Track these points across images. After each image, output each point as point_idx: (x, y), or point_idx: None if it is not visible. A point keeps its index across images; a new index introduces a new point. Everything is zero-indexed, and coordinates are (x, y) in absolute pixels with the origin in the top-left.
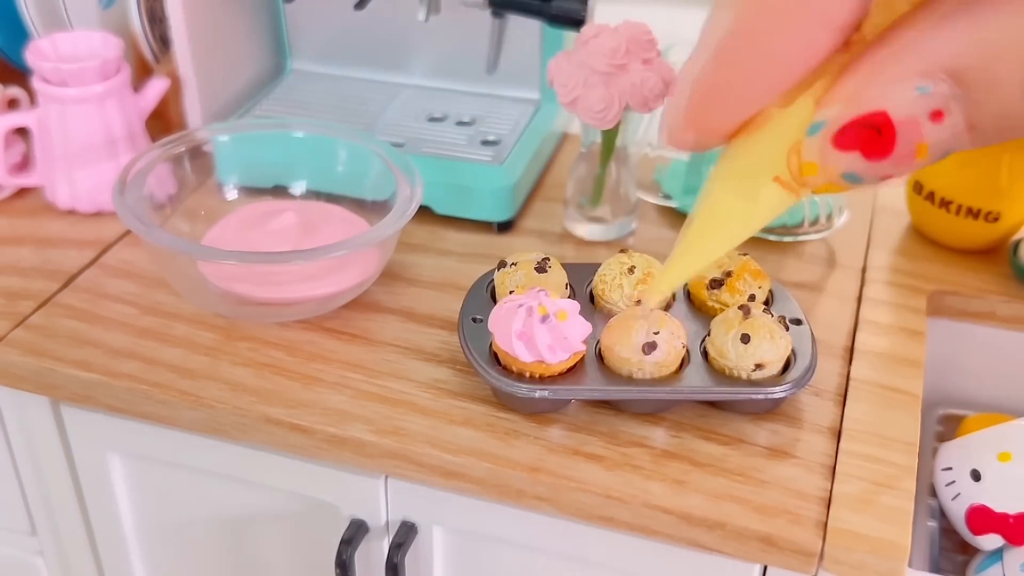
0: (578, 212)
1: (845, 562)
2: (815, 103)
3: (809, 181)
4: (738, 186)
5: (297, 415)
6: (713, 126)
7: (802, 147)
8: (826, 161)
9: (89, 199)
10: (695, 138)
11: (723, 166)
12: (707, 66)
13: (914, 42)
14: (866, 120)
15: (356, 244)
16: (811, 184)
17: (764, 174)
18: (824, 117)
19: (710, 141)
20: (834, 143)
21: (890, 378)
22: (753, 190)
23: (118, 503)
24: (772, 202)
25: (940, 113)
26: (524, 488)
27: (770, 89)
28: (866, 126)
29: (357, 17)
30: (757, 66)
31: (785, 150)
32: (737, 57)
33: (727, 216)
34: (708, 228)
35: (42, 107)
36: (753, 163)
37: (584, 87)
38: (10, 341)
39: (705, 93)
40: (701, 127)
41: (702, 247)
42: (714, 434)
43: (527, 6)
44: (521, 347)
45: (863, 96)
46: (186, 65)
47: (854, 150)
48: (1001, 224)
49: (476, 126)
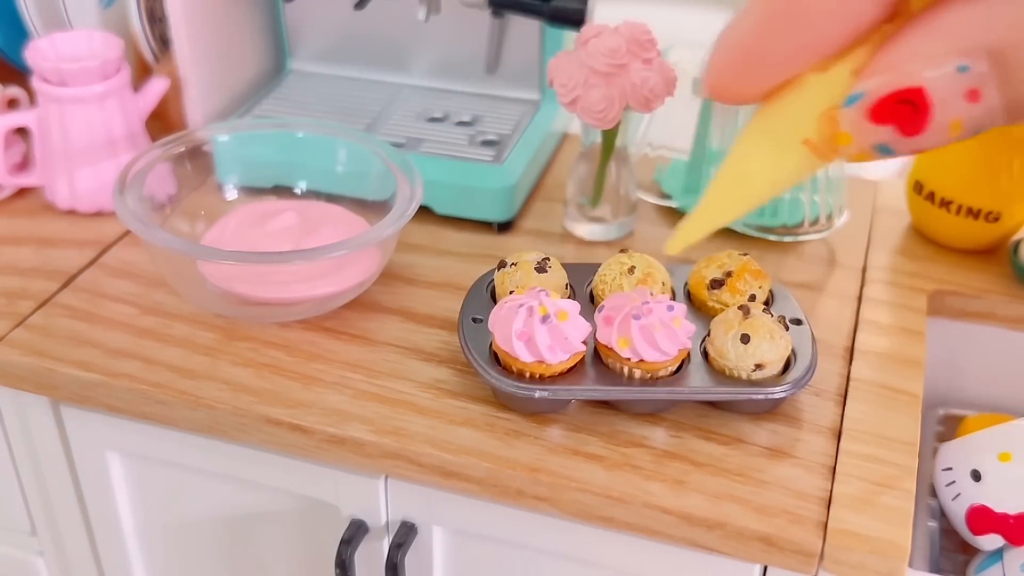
0: (578, 212)
1: (845, 562)
2: (853, 72)
3: (841, 150)
4: (768, 144)
5: (297, 415)
6: (750, 84)
7: (837, 116)
8: (860, 132)
9: (89, 199)
10: (733, 93)
11: (755, 123)
12: (750, 24)
13: (957, 19)
14: (903, 95)
15: (356, 244)
16: (842, 153)
17: (795, 136)
18: (862, 89)
19: (746, 98)
20: (870, 116)
21: (890, 378)
22: (782, 150)
23: (118, 503)
24: (800, 164)
25: (977, 92)
26: (524, 488)
27: (810, 54)
28: (903, 101)
29: (357, 17)
30: (799, 29)
31: (817, 115)
32: (780, 19)
33: (754, 172)
34: (734, 181)
35: (42, 107)
36: (785, 124)
37: (584, 87)
38: (10, 341)
39: (746, 51)
40: (739, 84)
41: (727, 200)
42: (714, 434)
43: (527, 6)
44: (521, 347)
45: (902, 70)
46: (186, 65)
47: (889, 124)
48: (1001, 224)
49: (476, 126)
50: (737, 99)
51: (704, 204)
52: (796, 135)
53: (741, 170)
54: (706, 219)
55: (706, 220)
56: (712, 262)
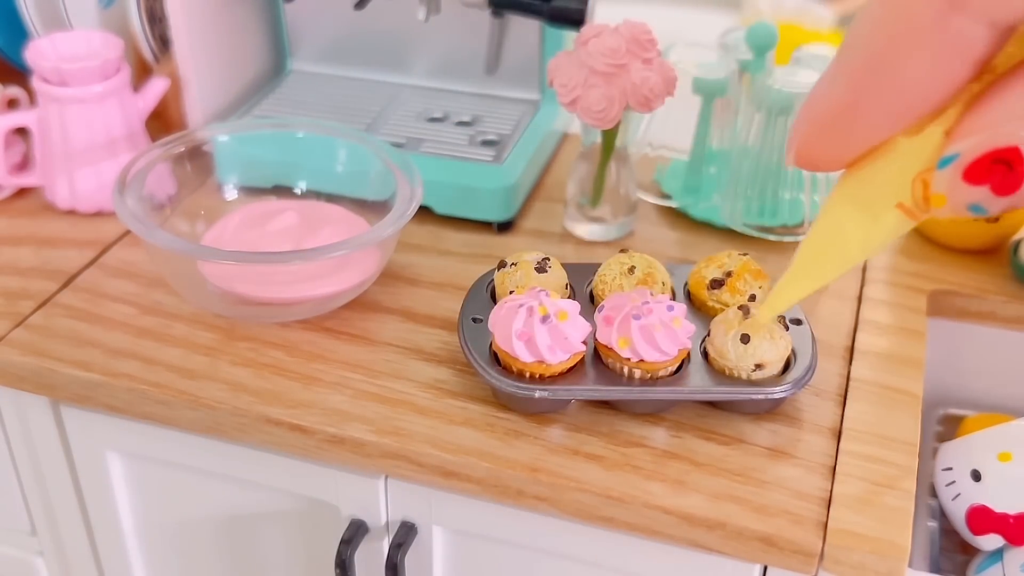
0: (578, 212)
1: (845, 562)
2: (944, 133)
3: (935, 211)
4: (860, 209)
5: (297, 415)
6: (839, 152)
7: (932, 178)
8: (955, 193)
9: (89, 199)
10: (821, 161)
11: (845, 189)
12: (838, 92)
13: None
14: (999, 155)
15: (356, 244)
16: (936, 214)
17: (888, 200)
18: (957, 150)
19: (834, 165)
20: (965, 177)
21: (890, 378)
22: (875, 215)
23: (118, 503)
24: (892, 227)
25: None
26: (524, 488)
27: (901, 120)
28: (998, 160)
29: (357, 17)
30: (891, 97)
31: (911, 177)
32: (871, 86)
33: (846, 238)
34: (825, 248)
35: (42, 107)
36: (877, 189)
37: (584, 87)
38: (10, 341)
39: (835, 119)
40: (827, 151)
41: (817, 267)
42: (714, 434)
43: (527, 6)
44: (521, 347)
45: (997, 130)
46: (186, 65)
47: (984, 184)
48: (1001, 224)
49: (476, 126)
50: (825, 167)
51: (795, 270)
52: (889, 199)
53: (834, 237)
54: (798, 286)
55: (798, 287)
56: (712, 262)
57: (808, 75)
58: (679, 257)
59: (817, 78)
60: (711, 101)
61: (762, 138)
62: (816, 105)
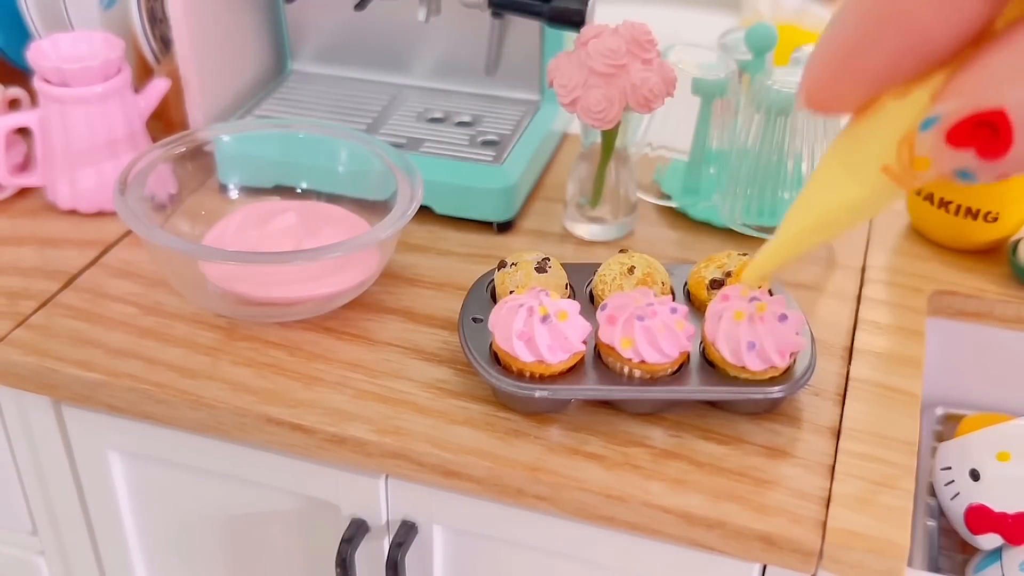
0: (578, 212)
1: (844, 561)
2: (932, 97)
3: (920, 176)
4: (845, 171)
5: (297, 415)
6: (848, 90)
7: (915, 141)
8: (939, 157)
9: (90, 199)
10: (830, 100)
11: (833, 150)
12: (849, 27)
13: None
14: (982, 118)
15: (356, 244)
16: (922, 179)
17: (873, 162)
18: (938, 112)
19: (842, 105)
20: (947, 139)
21: (889, 378)
22: (860, 178)
23: (119, 502)
24: (879, 192)
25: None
26: (524, 488)
27: (911, 56)
28: (982, 124)
29: (357, 17)
30: (901, 29)
31: (896, 141)
32: (881, 19)
33: (832, 200)
34: (811, 210)
35: (43, 107)
36: (863, 151)
37: (584, 87)
38: (11, 341)
39: (845, 53)
40: (836, 89)
41: (803, 228)
42: (714, 434)
43: (527, 6)
44: (521, 347)
45: (980, 92)
46: (187, 65)
47: (968, 148)
48: (1000, 224)
49: (476, 126)
50: (834, 106)
51: (780, 233)
52: (875, 162)
53: (818, 199)
54: (782, 249)
55: (782, 250)
56: (712, 262)
57: None
58: (679, 257)
59: None
60: (710, 101)
61: (761, 138)
62: (825, 42)
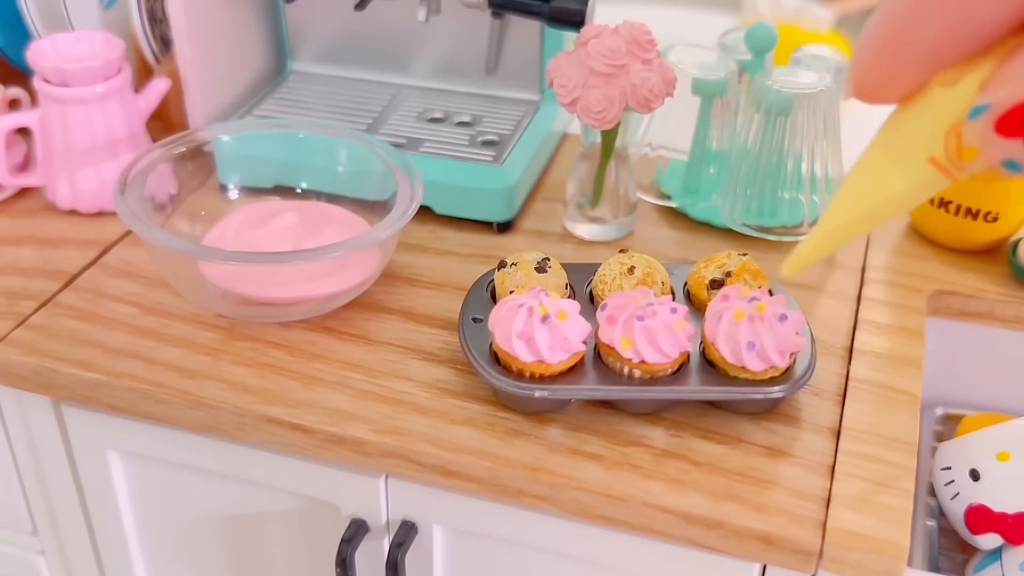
0: (578, 212)
1: (844, 561)
2: (981, 85)
3: (967, 166)
4: (891, 162)
5: (297, 415)
6: (897, 77)
7: (962, 130)
8: (987, 147)
9: (90, 199)
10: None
11: (879, 140)
12: (898, 10)
13: None
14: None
15: (356, 244)
16: (969, 169)
17: (919, 153)
18: (987, 100)
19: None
20: (996, 128)
21: (889, 378)
22: (906, 168)
23: (119, 503)
24: (924, 182)
25: None
26: (524, 488)
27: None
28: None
29: (357, 17)
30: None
31: (943, 129)
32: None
33: (876, 191)
34: (855, 201)
35: (43, 107)
36: (909, 140)
37: (584, 87)
38: (11, 341)
39: (893, 38)
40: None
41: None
42: (714, 434)
43: (527, 6)
44: (521, 347)
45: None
46: (187, 65)
47: (1018, 137)
48: (1000, 224)
49: (476, 126)
50: (882, 91)
51: (824, 225)
52: (921, 152)
53: (863, 190)
54: (826, 240)
55: (826, 241)
56: (712, 262)
57: (808, 75)
58: (679, 257)
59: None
60: (710, 102)
61: (761, 138)
62: (874, 25)
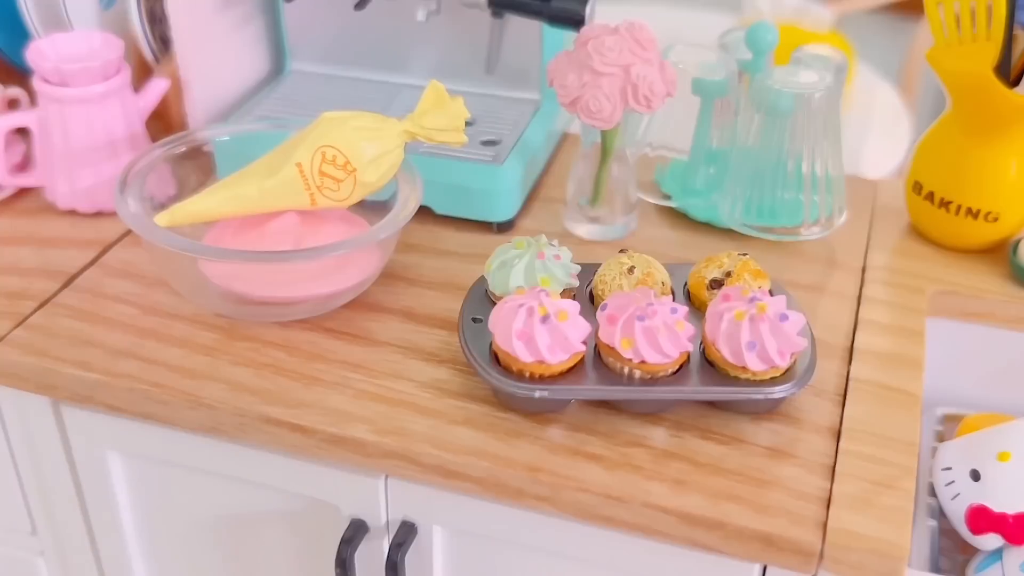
0: (578, 212)
1: (844, 562)
2: None
3: None
4: (268, 166)
5: (297, 415)
6: None
7: None
8: None
9: (89, 199)
10: None
11: None
12: None
13: None
14: None
15: (356, 244)
16: None
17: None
18: None
19: None
20: None
21: (890, 378)
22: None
23: (118, 503)
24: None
25: None
26: (524, 488)
27: None
28: None
29: (357, 17)
30: None
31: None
32: None
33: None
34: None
35: (42, 107)
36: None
37: (584, 87)
38: (10, 341)
39: None
40: None
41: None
42: (714, 434)
43: (527, 6)
44: (521, 347)
45: None
46: (186, 65)
47: None
48: (1001, 224)
49: (476, 126)
50: None
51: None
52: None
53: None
54: (203, 210)
55: (203, 211)
56: (712, 262)
57: (808, 75)
58: (679, 257)
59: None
60: (711, 101)
61: (761, 138)
62: None
